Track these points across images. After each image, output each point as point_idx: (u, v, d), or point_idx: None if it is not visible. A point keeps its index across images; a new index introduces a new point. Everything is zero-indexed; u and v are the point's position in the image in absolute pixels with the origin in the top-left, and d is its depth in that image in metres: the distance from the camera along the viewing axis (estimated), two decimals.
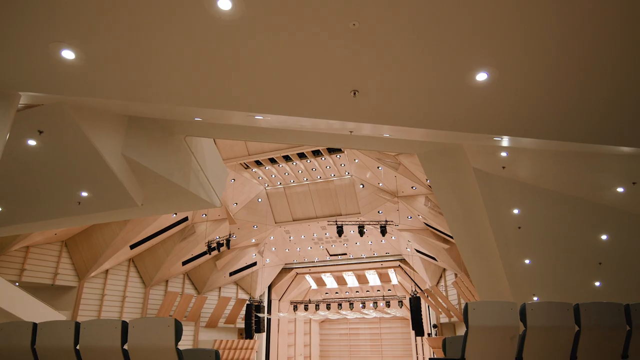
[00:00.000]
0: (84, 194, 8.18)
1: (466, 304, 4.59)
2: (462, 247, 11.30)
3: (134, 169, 8.04)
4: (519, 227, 10.02)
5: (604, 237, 9.23)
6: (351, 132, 7.44)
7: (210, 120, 7.15)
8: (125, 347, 4.39)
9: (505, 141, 7.24)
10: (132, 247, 17.85)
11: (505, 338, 4.57)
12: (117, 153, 7.53)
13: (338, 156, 18.23)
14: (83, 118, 6.37)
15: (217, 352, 5.19)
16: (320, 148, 17.48)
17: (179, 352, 4.23)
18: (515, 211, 9.79)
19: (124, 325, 4.40)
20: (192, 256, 19.61)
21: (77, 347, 4.54)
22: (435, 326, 20.62)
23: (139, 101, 5.07)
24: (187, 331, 20.29)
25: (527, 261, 10.53)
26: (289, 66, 4.46)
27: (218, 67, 4.55)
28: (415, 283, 21.75)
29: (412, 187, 17.84)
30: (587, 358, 4.77)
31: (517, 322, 4.62)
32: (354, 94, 4.87)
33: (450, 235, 17.71)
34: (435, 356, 19.45)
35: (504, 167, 9.04)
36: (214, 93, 5.06)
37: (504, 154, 8.58)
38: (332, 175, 19.45)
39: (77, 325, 4.60)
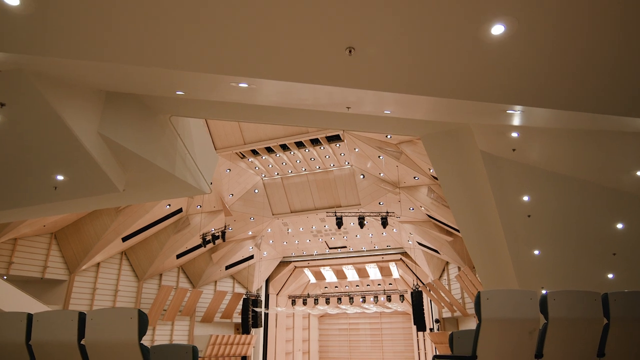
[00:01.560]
0: (60, 177, 7.56)
1: (479, 293, 3.97)
2: (467, 237, 10.71)
3: (113, 150, 7.42)
4: (529, 216, 9.41)
5: (619, 225, 8.59)
6: (349, 108, 6.83)
7: (193, 94, 6.52)
8: (83, 342, 3.79)
9: (516, 118, 6.62)
10: (124, 239, 17.33)
11: (523, 332, 3.96)
12: (93, 132, 6.90)
13: (337, 145, 17.62)
14: (50, 89, 5.74)
15: (194, 348, 4.61)
16: (319, 136, 16.90)
17: (143, 347, 3.61)
18: (525, 198, 9.18)
19: (82, 318, 3.80)
20: (186, 249, 19.08)
21: (30, 343, 3.95)
22: (437, 321, 20.13)
23: (101, 61, 4.43)
24: (182, 326, 19.83)
25: (536, 252, 9.92)
26: (271, 16, 3.81)
27: (194, 21, 3.91)
28: (417, 277, 21.24)
29: (414, 178, 17.29)
30: (617, 354, 4.16)
31: (537, 313, 4.01)
32: (350, 51, 4.23)
33: (454, 227, 17.19)
34: (438, 353, 18.90)
35: (514, 150, 8.42)
36: (190, 52, 4.42)
37: (514, 134, 7.96)
38: (332, 165, 18.86)
39: (30, 318, 4.00)
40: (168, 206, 17.60)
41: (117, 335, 3.64)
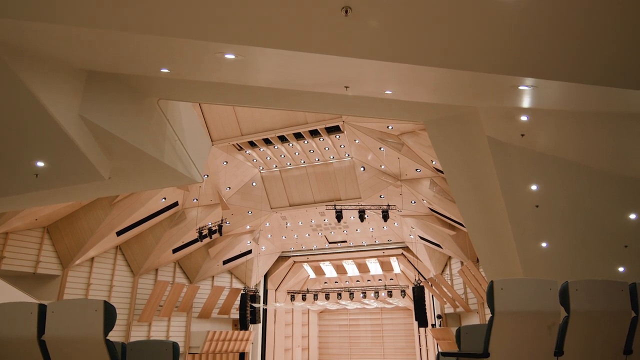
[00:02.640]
0: (40, 164, 7.12)
1: (491, 283, 3.52)
2: (472, 229, 10.29)
3: (95, 134, 6.97)
4: (537, 206, 8.96)
5: (632, 216, 8.15)
6: (347, 87, 6.39)
7: (179, 72, 6.06)
8: (44, 337, 3.36)
9: (527, 96, 6.17)
10: (119, 233, 16.92)
11: (541, 326, 3.52)
12: (73, 114, 6.45)
13: (337, 137, 17.16)
14: (23, 66, 5.29)
15: (174, 344, 4.18)
16: (318, 127, 16.44)
17: (109, 344, 3.17)
18: (534, 187, 8.73)
19: (42, 310, 3.36)
20: (183, 243, 18.68)
21: None
22: (439, 317, 19.74)
23: (73, 25, 3.97)
24: (179, 322, 19.45)
25: (543, 244, 9.48)
26: None
27: None
28: (418, 272, 20.83)
29: (416, 170, 16.84)
30: None
31: (557, 305, 3.57)
32: (346, 12, 3.76)
33: (457, 220, 16.75)
34: (440, 349, 18.50)
35: (523, 135, 7.96)
36: (170, 14, 3.96)
37: (524, 117, 7.52)
38: (331, 157, 18.42)
39: None
40: (163, 199, 17.18)
41: (81, 330, 3.20)
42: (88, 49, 5.38)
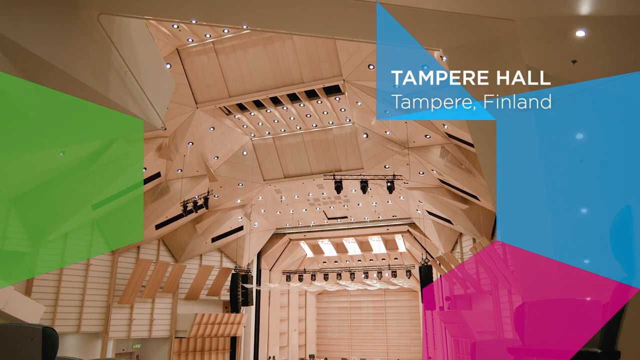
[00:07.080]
0: None
1: (628, 207, 1.76)
2: (497, 192, 8.60)
3: (8, 52, 5.18)
4: (581, 161, 7.27)
5: None
6: None
7: None
8: None
9: None
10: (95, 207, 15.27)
11: None
12: None
13: (337, 98, 15.34)
14: None
15: (46, 330, 2.54)
16: (315, 87, 14.61)
17: None
18: (579, 136, 7.04)
19: None
20: (167, 219, 17.14)
21: None
22: (448, 299, 18.27)
23: None
24: (164, 304, 17.99)
25: (583, 210, 7.77)
26: None
27: None
28: (426, 250, 19.29)
29: (425, 136, 15.14)
30: None
31: None
32: None
33: (470, 193, 15.08)
34: (449, 333, 17.01)
35: (574, 62, 6.21)
36: None
37: (580, 32, 5.74)
38: (330, 122, 16.65)
39: None
40: (144, 170, 15.50)
41: None
42: None
